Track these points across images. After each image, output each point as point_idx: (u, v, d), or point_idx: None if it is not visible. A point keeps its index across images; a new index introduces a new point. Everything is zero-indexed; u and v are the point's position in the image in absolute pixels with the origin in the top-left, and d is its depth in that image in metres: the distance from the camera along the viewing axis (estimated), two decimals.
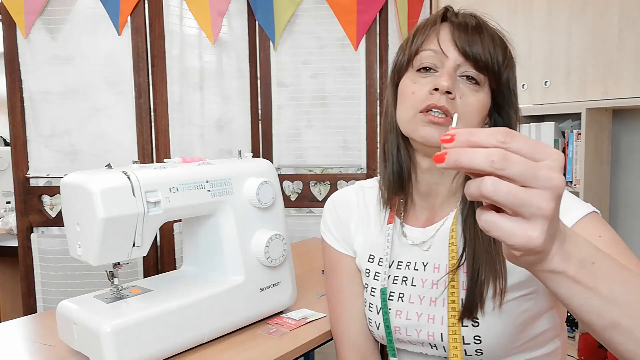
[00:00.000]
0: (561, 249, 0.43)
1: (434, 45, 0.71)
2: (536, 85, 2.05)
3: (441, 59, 0.71)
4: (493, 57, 0.70)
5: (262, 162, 0.95)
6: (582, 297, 0.44)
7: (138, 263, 1.66)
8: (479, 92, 0.70)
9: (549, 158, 0.39)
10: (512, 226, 0.39)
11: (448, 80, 0.68)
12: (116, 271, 0.80)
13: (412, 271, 0.76)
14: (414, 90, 0.72)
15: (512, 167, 0.37)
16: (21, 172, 1.63)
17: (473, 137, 0.39)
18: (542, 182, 0.38)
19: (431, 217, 0.78)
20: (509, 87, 0.73)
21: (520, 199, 0.38)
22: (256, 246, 0.88)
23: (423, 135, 0.70)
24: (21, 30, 1.58)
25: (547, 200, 0.38)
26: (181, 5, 1.68)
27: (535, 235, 0.39)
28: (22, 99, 1.61)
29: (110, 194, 0.71)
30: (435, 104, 0.68)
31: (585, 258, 0.44)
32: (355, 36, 1.79)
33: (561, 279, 0.44)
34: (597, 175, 1.91)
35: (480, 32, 0.70)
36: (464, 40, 0.69)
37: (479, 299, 0.67)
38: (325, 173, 1.87)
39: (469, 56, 0.69)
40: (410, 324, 0.74)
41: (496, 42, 0.71)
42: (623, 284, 0.45)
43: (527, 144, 0.39)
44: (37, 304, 1.65)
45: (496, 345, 0.68)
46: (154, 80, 1.63)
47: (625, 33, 1.80)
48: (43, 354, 0.81)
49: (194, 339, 0.80)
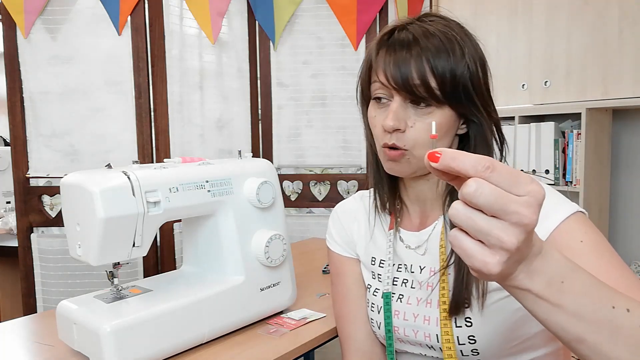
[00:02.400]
0: (528, 268, 0.43)
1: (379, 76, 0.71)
2: (536, 85, 2.05)
3: (389, 90, 0.71)
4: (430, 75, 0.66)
5: (262, 162, 0.95)
6: (546, 313, 0.45)
7: (138, 263, 1.65)
8: (432, 113, 0.69)
9: (528, 194, 0.38)
10: (473, 248, 0.40)
11: (392, 120, 0.69)
12: (116, 271, 0.80)
13: (410, 273, 0.77)
14: (375, 124, 0.74)
15: (481, 198, 0.38)
16: (21, 172, 1.63)
17: (455, 163, 0.39)
18: (510, 216, 0.38)
19: (423, 220, 0.79)
20: (463, 92, 0.68)
21: (481, 228, 0.39)
22: (256, 246, 0.88)
23: (387, 169, 0.75)
24: (21, 30, 1.58)
25: (511, 235, 0.38)
26: (181, 5, 1.68)
27: (491, 263, 0.40)
28: (22, 99, 1.61)
29: (110, 194, 0.71)
30: (387, 142, 0.71)
31: (553, 276, 0.44)
32: (355, 36, 1.79)
33: (526, 295, 0.44)
34: (597, 175, 1.91)
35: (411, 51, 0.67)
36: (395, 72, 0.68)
37: (465, 295, 0.68)
38: (325, 173, 1.87)
39: (404, 89, 0.68)
40: (408, 325, 0.75)
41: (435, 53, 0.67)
42: (593, 302, 0.45)
43: (507, 177, 0.38)
44: (37, 304, 1.65)
45: (491, 344, 0.68)
46: (154, 80, 1.63)
47: (625, 33, 1.80)
48: (43, 354, 0.81)
49: (194, 339, 0.80)
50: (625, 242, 2.03)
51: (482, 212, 0.39)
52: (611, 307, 0.45)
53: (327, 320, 0.92)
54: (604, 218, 1.99)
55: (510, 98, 2.16)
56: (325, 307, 0.99)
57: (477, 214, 0.39)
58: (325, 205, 1.88)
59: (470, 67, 0.68)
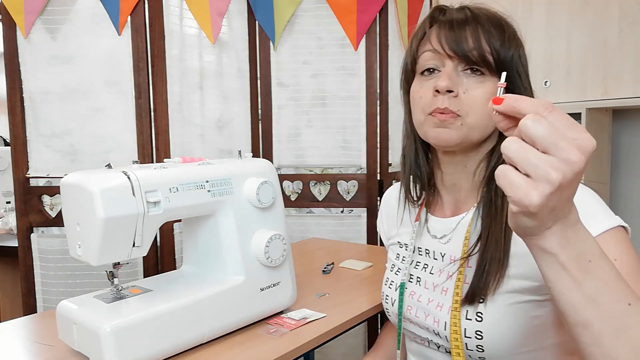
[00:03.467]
0: (562, 233, 0.43)
1: (429, 46, 0.73)
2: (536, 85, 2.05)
3: (440, 58, 0.72)
4: (486, 46, 0.69)
5: (262, 162, 0.95)
6: (565, 286, 0.45)
7: (138, 263, 1.65)
8: (484, 83, 0.71)
9: (580, 138, 0.40)
10: (518, 180, 0.41)
11: (446, 80, 0.69)
12: (116, 271, 0.80)
13: (432, 260, 0.80)
14: (421, 95, 0.74)
15: (538, 129, 0.40)
16: (21, 172, 1.63)
17: (517, 103, 0.42)
18: (560, 152, 0.40)
19: (456, 210, 0.81)
20: (516, 69, 0.72)
21: (531, 159, 0.40)
22: (256, 246, 0.88)
23: (434, 136, 0.73)
24: (21, 30, 1.58)
25: (557, 170, 0.40)
26: (181, 5, 1.68)
27: (533, 195, 0.40)
28: (22, 99, 1.61)
29: (110, 194, 0.71)
30: (439, 107, 0.70)
31: (583, 253, 0.44)
32: (355, 36, 1.79)
33: (552, 261, 0.45)
34: (597, 175, 1.91)
35: (467, 25, 0.70)
36: (451, 40, 0.70)
37: (482, 288, 0.68)
38: (325, 173, 1.87)
39: (458, 54, 0.70)
40: (420, 306, 0.78)
41: (489, 28, 0.70)
42: (611, 292, 0.45)
43: (564, 120, 0.41)
44: (37, 304, 1.65)
45: (498, 345, 0.68)
46: (154, 80, 1.63)
47: (625, 33, 1.80)
48: (43, 354, 0.81)
49: (194, 339, 0.80)
50: None
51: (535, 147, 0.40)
52: (627, 303, 0.45)
53: (327, 320, 0.92)
54: None
55: None
56: (325, 307, 0.99)
57: (529, 147, 0.40)
58: (325, 205, 1.88)
59: (520, 49, 0.73)
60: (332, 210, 1.88)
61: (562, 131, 0.40)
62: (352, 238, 1.84)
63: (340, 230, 1.87)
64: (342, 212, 1.87)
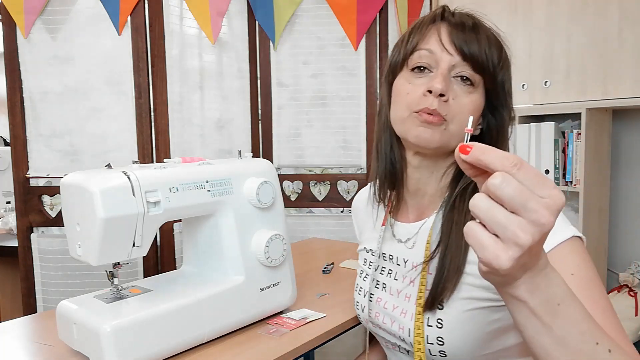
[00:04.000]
0: (531, 280, 0.44)
1: (431, 44, 0.72)
2: (536, 85, 2.05)
3: (436, 59, 0.71)
4: (489, 57, 0.70)
5: (262, 162, 0.95)
6: (535, 330, 0.45)
7: (138, 263, 1.65)
8: (472, 93, 0.71)
9: (550, 197, 0.39)
10: (486, 241, 0.41)
11: (442, 83, 0.68)
12: (116, 271, 0.80)
13: (395, 265, 0.80)
14: (408, 91, 0.73)
15: (506, 189, 0.39)
16: (21, 172, 1.63)
17: (484, 157, 0.41)
18: (529, 214, 0.39)
19: (419, 215, 0.80)
20: (504, 87, 0.73)
21: (500, 220, 0.40)
22: (256, 246, 0.88)
23: (416, 135, 0.72)
24: (21, 30, 1.58)
25: (527, 232, 0.39)
26: (181, 5, 1.68)
27: (503, 257, 0.40)
28: (22, 99, 1.61)
29: (110, 194, 0.71)
30: (428, 107, 0.69)
31: (552, 297, 0.45)
32: (355, 36, 1.79)
33: (521, 307, 0.45)
34: (597, 175, 1.91)
35: (476, 32, 0.70)
36: (461, 40, 0.70)
37: (440, 294, 0.69)
38: (325, 173, 1.87)
39: (466, 56, 0.69)
40: (386, 312, 0.78)
41: (492, 42, 0.71)
42: (580, 333, 0.45)
43: (533, 177, 0.40)
44: (37, 304, 1.65)
45: (460, 349, 0.69)
46: (154, 80, 1.63)
47: (625, 33, 1.80)
48: (43, 354, 0.81)
49: (194, 339, 0.80)
50: (625, 242, 2.03)
51: (504, 207, 0.40)
52: (595, 342, 0.46)
53: (327, 320, 0.92)
54: (604, 218, 1.99)
55: None
56: (325, 307, 0.99)
57: (498, 207, 0.40)
58: (325, 205, 1.88)
59: (509, 69, 0.74)
60: (332, 210, 1.88)
61: (531, 190, 0.39)
62: (352, 238, 1.84)
63: (340, 230, 1.87)
64: (342, 212, 1.88)
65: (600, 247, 1.95)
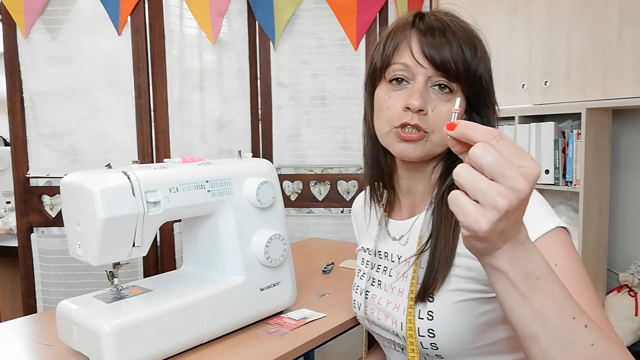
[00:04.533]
0: (512, 252, 0.46)
1: (405, 58, 0.72)
2: (536, 85, 2.05)
3: (412, 72, 0.71)
4: (462, 60, 0.70)
5: (262, 162, 0.95)
6: (514, 302, 0.48)
7: (138, 263, 1.66)
8: (450, 101, 0.71)
9: (526, 167, 0.42)
10: (468, 206, 0.44)
11: (419, 99, 0.69)
12: (116, 271, 0.80)
13: (389, 262, 0.82)
14: (388, 105, 0.74)
15: (486, 157, 0.42)
16: (21, 172, 1.63)
17: (468, 131, 0.44)
18: (506, 180, 0.42)
19: (412, 212, 0.83)
20: (483, 85, 0.72)
21: (480, 187, 0.43)
22: (256, 246, 0.88)
23: (398, 151, 0.74)
24: (21, 30, 1.58)
25: (504, 197, 0.42)
26: (181, 5, 1.68)
27: (482, 220, 0.43)
28: (22, 99, 1.61)
29: (110, 194, 0.71)
30: (408, 122, 0.71)
31: (531, 270, 0.47)
32: (355, 36, 1.79)
33: (502, 278, 0.48)
34: (597, 175, 1.91)
35: (446, 36, 0.70)
36: (432, 49, 0.69)
37: (431, 286, 0.70)
38: (325, 173, 1.87)
39: (438, 66, 0.69)
40: (380, 309, 0.80)
41: (464, 40, 0.70)
42: (558, 307, 0.47)
43: (511, 148, 0.43)
44: (37, 304, 1.65)
45: (451, 341, 0.70)
46: (154, 80, 1.63)
47: (625, 33, 1.80)
48: (43, 354, 0.81)
49: (194, 339, 0.80)
50: (625, 242, 2.03)
51: (484, 175, 0.43)
52: (572, 317, 0.47)
53: (327, 320, 0.92)
54: (604, 218, 1.99)
55: (510, 98, 2.16)
56: (325, 307, 0.99)
57: (478, 174, 0.43)
58: (325, 205, 1.88)
59: (487, 63, 0.73)
60: (332, 210, 1.88)
61: (509, 159, 0.42)
62: (352, 238, 1.83)
63: (340, 230, 1.87)
64: (342, 212, 1.88)
65: (600, 247, 1.95)
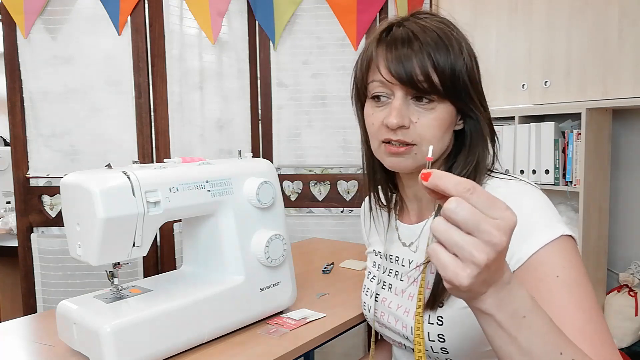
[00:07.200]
0: (496, 295, 0.47)
1: (377, 75, 0.71)
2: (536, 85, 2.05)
3: (389, 87, 0.71)
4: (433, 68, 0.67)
5: (262, 162, 0.95)
6: (502, 342, 0.48)
7: (138, 263, 1.66)
8: (434, 109, 0.70)
9: (501, 219, 0.42)
10: (447, 260, 0.44)
11: (396, 117, 0.69)
12: (116, 271, 0.80)
13: (400, 266, 0.82)
14: (373, 121, 0.74)
15: (460, 212, 0.42)
16: (21, 172, 1.63)
17: (441, 182, 0.44)
18: (482, 234, 0.42)
19: (420, 216, 0.83)
20: (462, 87, 0.69)
21: (456, 242, 0.43)
22: (256, 246, 0.88)
23: (390, 165, 0.75)
24: (21, 30, 1.58)
25: (481, 252, 0.42)
26: (181, 5, 1.68)
27: (462, 275, 0.43)
28: (22, 99, 1.61)
29: (110, 194, 0.71)
30: (391, 138, 0.71)
31: (517, 310, 0.47)
32: (355, 36, 1.79)
33: (489, 320, 0.48)
34: (597, 175, 1.91)
35: (411, 47, 0.67)
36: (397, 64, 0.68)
37: (441, 293, 0.70)
38: (325, 173, 1.87)
39: (406, 82, 0.68)
40: (391, 312, 0.80)
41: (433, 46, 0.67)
42: (545, 344, 0.48)
43: (485, 200, 0.43)
44: (37, 304, 1.65)
45: (460, 346, 0.70)
46: (154, 80, 1.63)
47: (625, 33, 1.80)
48: (43, 354, 0.81)
49: (194, 339, 0.80)
50: (625, 242, 2.03)
51: (460, 229, 0.43)
52: (559, 353, 0.48)
53: (327, 320, 0.92)
54: (604, 218, 1.99)
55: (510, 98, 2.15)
56: (325, 307, 0.99)
57: (455, 229, 0.43)
58: (325, 205, 1.88)
59: (467, 62, 0.69)
60: (332, 210, 1.88)
61: (484, 212, 0.42)
62: (352, 238, 1.84)
63: (340, 230, 1.87)
64: (342, 212, 1.88)
65: (600, 247, 1.95)
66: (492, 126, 0.75)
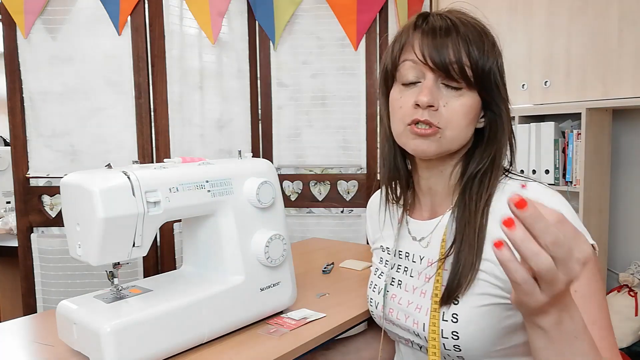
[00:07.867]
0: (557, 314, 0.50)
1: (412, 55, 0.73)
2: (536, 85, 2.05)
3: (421, 69, 0.72)
4: (467, 59, 0.70)
5: (262, 162, 0.95)
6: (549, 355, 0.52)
7: (138, 263, 1.66)
8: (462, 96, 0.72)
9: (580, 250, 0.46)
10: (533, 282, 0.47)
11: (428, 95, 0.70)
12: (116, 271, 0.80)
13: (411, 262, 0.82)
14: (401, 105, 0.75)
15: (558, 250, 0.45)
16: (21, 172, 1.63)
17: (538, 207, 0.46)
18: (569, 270, 0.46)
19: (432, 212, 0.83)
20: (492, 80, 0.72)
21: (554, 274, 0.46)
22: (256, 246, 0.88)
23: (413, 148, 0.75)
24: (21, 30, 1.58)
25: (564, 283, 0.47)
26: (181, 5, 1.68)
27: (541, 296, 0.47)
28: (22, 99, 1.61)
29: (110, 194, 0.71)
30: (419, 118, 0.71)
31: (572, 331, 0.51)
32: (355, 36, 1.79)
33: (543, 335, 0.51)
34: (597, 175, 1.91)
35: (450, 35, 0.70)
36: (433, 51, 0.70)
37: (456, 290, 0.71)
38: (325, 173, 1.87)
39: (439, 67, 0.70)
40: (401, 309, 0.80)
41: (470, 39, 0.70)
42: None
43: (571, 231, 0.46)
44: (37, 304, 1.65)
45: (474, 344, 0.70)
46: (154, 80, 1.63)
47: (625, 33, 1.80)
48: (43, 354, 0.81)
49: (194, 339, 0.80)
50: (625, 242, 2.03)
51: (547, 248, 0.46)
52: None
53: (327, 320, 0.92)
54: (604, 218, 1.99)
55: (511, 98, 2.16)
56: (325, 307, 0.99)
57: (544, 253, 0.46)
58: (325, 205, 1.88)
59: (498, 59, 0.73)
60: (332, 210, 1.88)
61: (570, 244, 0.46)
62: (352, 238, 1.84)
63: (340, 230, 1.87)
64: (342, 212, 1.88)
65: (600, 247, 1.95)
66: (511, 126, 0.76)
